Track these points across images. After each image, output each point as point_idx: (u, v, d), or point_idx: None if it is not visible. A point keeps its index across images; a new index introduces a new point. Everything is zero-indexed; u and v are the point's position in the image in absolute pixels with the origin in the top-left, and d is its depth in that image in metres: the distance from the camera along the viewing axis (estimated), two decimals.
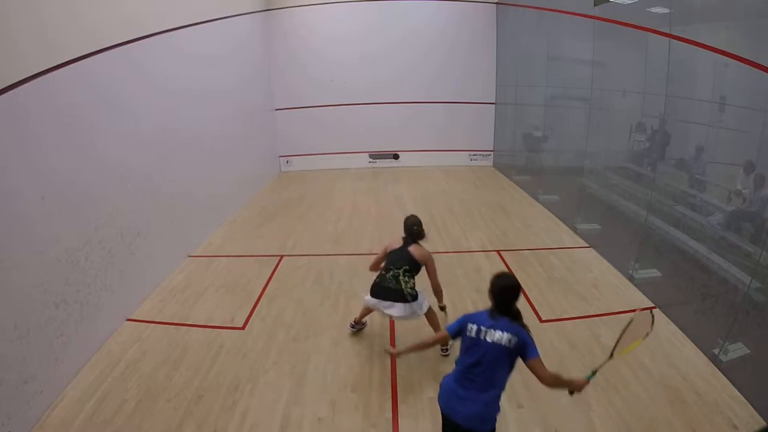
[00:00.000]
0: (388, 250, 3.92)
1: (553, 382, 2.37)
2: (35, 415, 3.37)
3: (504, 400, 3.43)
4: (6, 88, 3.31)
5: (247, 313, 4.80)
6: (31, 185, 3.53)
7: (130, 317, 4.74)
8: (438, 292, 4.06)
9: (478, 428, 2.36)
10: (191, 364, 4.00)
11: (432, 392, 3.56)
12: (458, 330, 2.53)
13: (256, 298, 5.14)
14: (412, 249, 3.84)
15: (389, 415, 3.37)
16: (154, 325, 4.63)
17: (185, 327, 4.58)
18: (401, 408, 3.43)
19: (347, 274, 5.56)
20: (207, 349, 4.21)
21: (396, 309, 3.72)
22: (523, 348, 2.34)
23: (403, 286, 3.70)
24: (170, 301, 5.08)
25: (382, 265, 3.92)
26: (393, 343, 4.22)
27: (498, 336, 2.35)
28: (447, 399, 2.46)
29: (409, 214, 4.07)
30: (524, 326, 2.41)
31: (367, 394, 3.59)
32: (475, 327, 2.43)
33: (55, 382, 3.62)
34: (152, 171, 5.38)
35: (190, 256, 6.27)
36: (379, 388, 3.65)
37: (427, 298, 3.95)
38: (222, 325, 4.61)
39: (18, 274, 3.33)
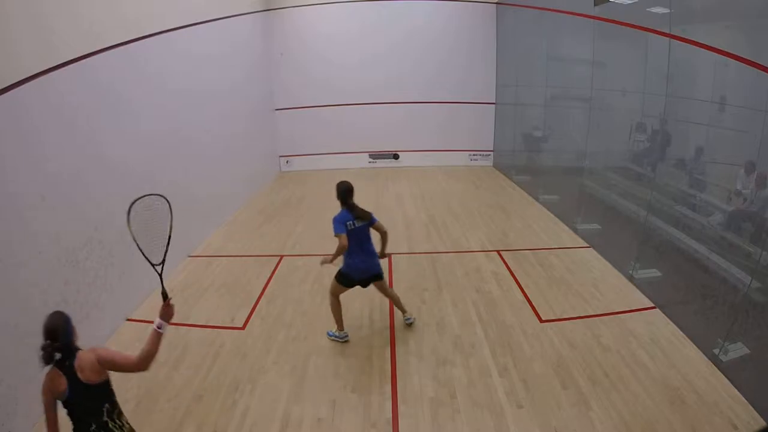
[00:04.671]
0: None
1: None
2: (36, 415, 3.36)
3: (504, 400, 3.46)
4: (6, 88, 3.31)
5: (247, 313, 4.80)
6: (32, 185, 3.54)
7: (130, 317, 4.74)
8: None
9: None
10: (191, 364, 4.00)
11: (432, 392, 3.57)
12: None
13: (256, 298, 5.14)
14: (80, 367, 2.17)
15: (389, 415, 3.37)
16: None
17: (185, 327, 4.58)
18: (401, 408, 3.43)
19: None
20: (207, 349, 4.21)
21: None
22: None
23: None
24: None
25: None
26: (393, 343, 4.22)
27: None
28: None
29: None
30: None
31: (367, 394, 3.59)
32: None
33: None
34: (152, 170, 5.38)
35: (190, 256, 6.27)
36: (379, 388, 3.65)
37: None
38: (222, 325, 4.61)
39: (18, 274, 3.33)
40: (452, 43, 10.88)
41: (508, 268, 5.74)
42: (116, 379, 3.78)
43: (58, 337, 2.15)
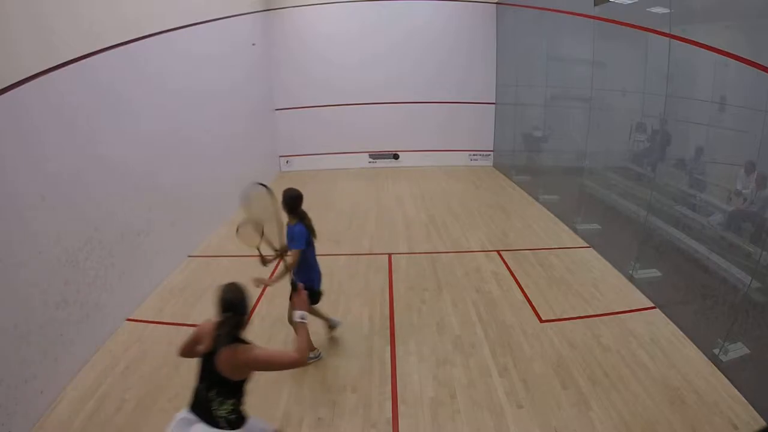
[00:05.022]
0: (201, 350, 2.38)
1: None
2: (36, 415, 3.37)
3: (504, 400, 3.46)
4: (6, 88, 3.31)
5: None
6: (32, 185, 3.53)
7: (130, 317, 4.74)
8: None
9: None
10: (191, 364, 3.92)
11: (432, 392, 3.57)
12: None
13: (256, 298, 5.13)
14: (221, 358, 2.25)
15: (389, 415, 3.37)
16: (154, 325, 4.63)
17: (185, 327, 4.57)
18: (401, 408, 3.43)
19: (347, 273, 5.56)
20: None
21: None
22: None
23: (215, 413, 2.35)
24: (170, 301, 5.08)
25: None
26: (393, 343, 4.22)
27: None
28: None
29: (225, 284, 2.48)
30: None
31: (367, 394, 3.59)
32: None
33: (55, 382, 3.62)
34: (152, 170, 5.38)
35: (190, 256, 6.26)
36: (379, 388, 3.65)
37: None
38: None
39: (18, 274, 3.33)
40: (452, 43, 10.87)
41: (508, 268, 5.74)
42: (116, 379, 3.81)
43: (236, 311, 2.29)
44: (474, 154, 11.67)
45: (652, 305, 4.74)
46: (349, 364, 3.95)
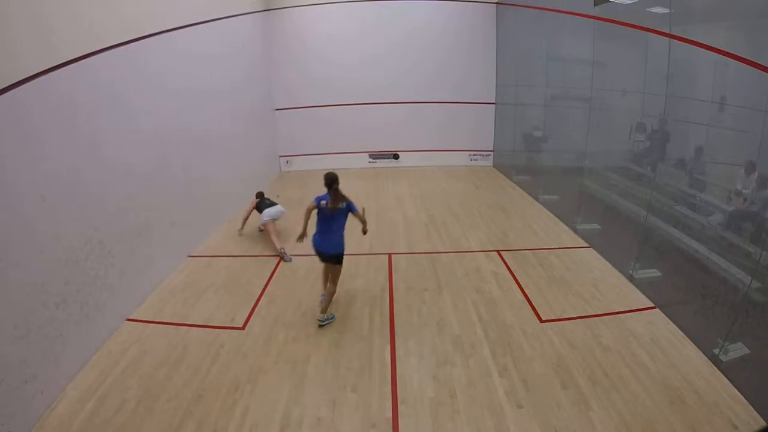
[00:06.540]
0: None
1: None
2: (36, 415, 3.37)
3: (504, 400, 3.46)
4: (6, 88, 3.31)
5: (247, 313, 4.80)
6: (32, 185, 3.53)
7: (130, 317, 4.74)
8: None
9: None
10: (191, 364, 3.99)
11: (432, 392, 3.57)
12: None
13: (256, 298, 5.14)
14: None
15: (389, 415, 3.37)
16: (154, 325, 4.63)
17: (185, 327, 4.58)
18: (401, 408, 3.44)
19: (347, 273, 5.54)
20: (207, 349, 4.21)
21: None
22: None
23: None
24: (170, 301, 5.08)
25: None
26: (393, 343, 4.23)
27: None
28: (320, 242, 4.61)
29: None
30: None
31: (367, 394, 3.59)
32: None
33: (55, 382, 3.62)
34: (152, 171, 5.38)
35: (190, 256, 6.27)
36: (379, 388, 3.65)
37: None
38: (222, 325, 4.61)
39: (18, 274, 3.33)
40: (452, 43, 10.88)
41: (508, 268, 5.74)
42: (116, 379, 3.81)
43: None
44: (474, 154, 11.67)
45: (652, 305, 4.74)
46: (349, 364, 3.95)
